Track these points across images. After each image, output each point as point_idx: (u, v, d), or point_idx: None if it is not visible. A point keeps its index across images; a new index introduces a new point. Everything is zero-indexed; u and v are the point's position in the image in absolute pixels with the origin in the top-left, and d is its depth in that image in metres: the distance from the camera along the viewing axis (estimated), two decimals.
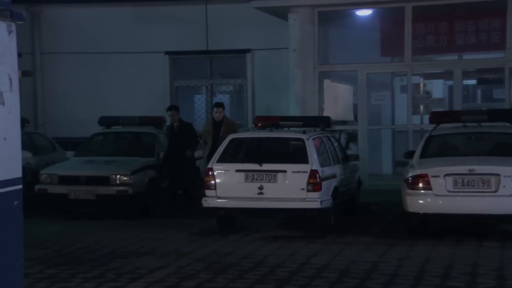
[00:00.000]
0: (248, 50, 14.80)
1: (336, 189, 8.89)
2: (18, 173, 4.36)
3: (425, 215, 7.99)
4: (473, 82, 15.48)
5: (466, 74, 13.58)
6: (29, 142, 11.33)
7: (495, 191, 7.66)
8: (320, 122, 9.90)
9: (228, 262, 7.08)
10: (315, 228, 8.68)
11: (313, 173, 8.36)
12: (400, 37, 12.71)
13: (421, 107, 14.05)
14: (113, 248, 7.91)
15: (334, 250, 7.60)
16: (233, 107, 15.61)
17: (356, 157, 10.45)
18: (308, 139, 8.68)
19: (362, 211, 10.33)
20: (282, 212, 8.74)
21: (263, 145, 9.23)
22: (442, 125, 8.99)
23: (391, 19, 13.23)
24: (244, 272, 6.65)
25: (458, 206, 7.82)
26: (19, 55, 4.44)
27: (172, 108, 11.22)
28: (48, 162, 11.47)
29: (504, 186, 7.64)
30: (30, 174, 10.60)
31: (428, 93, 15.13)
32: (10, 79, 4.23)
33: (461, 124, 8.88)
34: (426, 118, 13.31)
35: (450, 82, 13.69)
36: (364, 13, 13.36)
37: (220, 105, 10.79)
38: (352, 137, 13.27)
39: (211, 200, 8.54)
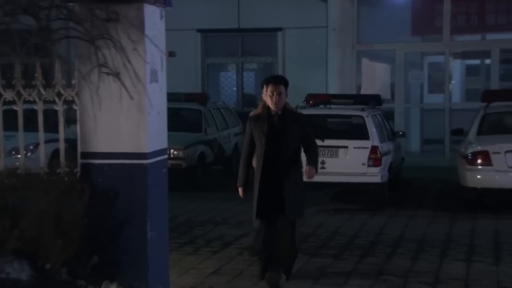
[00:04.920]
0: (279, 29, 15.01)
1: (391, 164, 9.29)
2: (165, 144, 4.77)
3: (484, 189, 8.39)
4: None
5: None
6: None
7: None
8: (371, 100, 10.22)
9: (304, 232, 7.40)
10: (370, 202, 9.07)
11: (374, 148, 8.74)
12: (437, 16, 12.97)
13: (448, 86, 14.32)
14: (187, 217, 8.24)
15: (401, 222, 7.98)
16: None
17: (403, 134, 10.82)
18: (367, 116, 9.04)
19: (405, 187, 10.71)
20: (344, 186, 9.12)
21: (324, 122, 9.56)
22: (494, 104, 9.35)
23: None
24: (324, 241, 7.01)
25: None
26: None
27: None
28: None
29: None
30: None
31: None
32: (161, 59, 4.58)
33: None
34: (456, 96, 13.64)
35: (487, 61, 13.91)
36: None
37: (280, 80, 5.36)
38: (388, 115, 13.58)
39: None
